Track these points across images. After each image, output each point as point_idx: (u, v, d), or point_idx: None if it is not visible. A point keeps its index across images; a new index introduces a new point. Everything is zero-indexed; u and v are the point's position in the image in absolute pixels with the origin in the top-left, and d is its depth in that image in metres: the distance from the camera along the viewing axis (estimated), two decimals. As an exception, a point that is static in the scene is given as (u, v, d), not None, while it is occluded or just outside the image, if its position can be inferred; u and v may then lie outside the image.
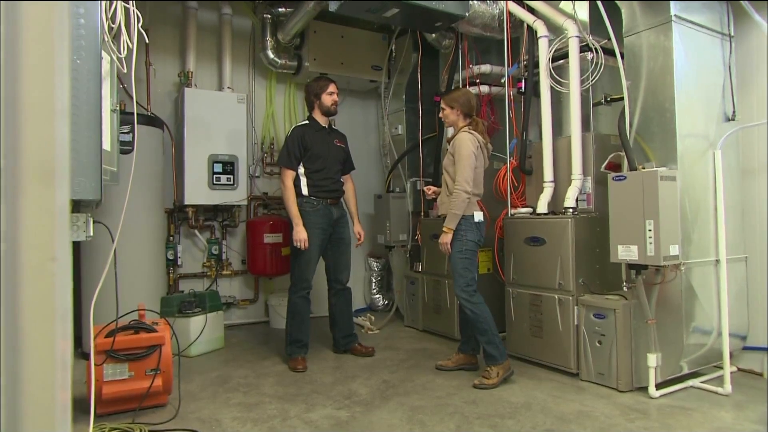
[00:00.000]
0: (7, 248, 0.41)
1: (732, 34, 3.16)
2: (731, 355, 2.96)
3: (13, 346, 0.42)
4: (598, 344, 2.96)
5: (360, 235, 3.73)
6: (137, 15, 2.33)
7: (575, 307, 3.08)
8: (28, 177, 0.44)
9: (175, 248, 4.32)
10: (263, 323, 4.74)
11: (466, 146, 3.03)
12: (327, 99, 3.54)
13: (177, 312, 3.68)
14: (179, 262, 4.37)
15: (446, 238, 3.04)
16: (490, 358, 3.02)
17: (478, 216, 3.11)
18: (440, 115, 3.30)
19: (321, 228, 3.48)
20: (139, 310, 2.76)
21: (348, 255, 3.71)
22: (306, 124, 3.60)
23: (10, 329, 0.41)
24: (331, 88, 3.56)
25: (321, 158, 3.51)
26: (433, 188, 3.40)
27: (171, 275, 4.32)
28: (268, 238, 4.38)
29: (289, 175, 3.46)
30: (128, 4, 2.29)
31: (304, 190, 3.48)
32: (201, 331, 3.67)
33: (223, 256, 4.57)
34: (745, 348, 3.18)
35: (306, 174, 3.49)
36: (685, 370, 2.93)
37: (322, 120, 3.60)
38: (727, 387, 2.80)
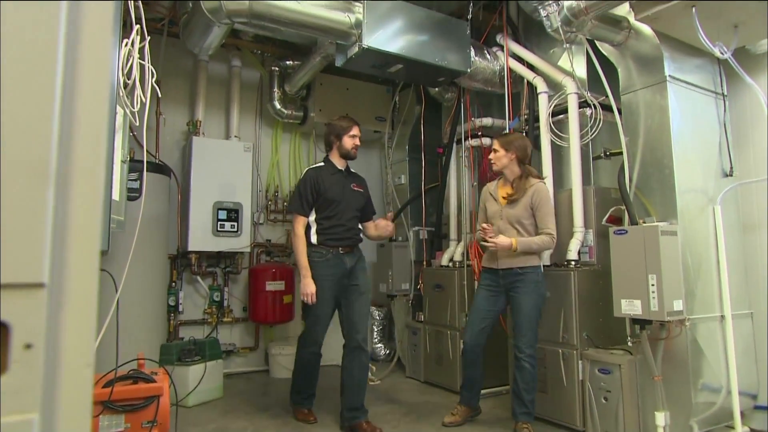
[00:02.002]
0: (48, 355, 0.43)
1: (725, 93, 3.26)
2: (742, 415, 2.88)
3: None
4: (604, 400, 2.89)
5: (390, 220, 3.52)
6: (152, 71, 2.43)
7: (579, 362, 3.04)
8: (71, 296, 0.46)
9: (176, 294, 4.32)
10: (263, 372, 4.65)
11: (550, 198, 3.11)
12: (348, 141, 3.27)
13: (176, 360, 3.63)
14: (180, 309, 4.35)
15: (506, 244, 2.91)
16: (530, 416, 2.97)
17: None
18: (491, 156, 3.13)
19: (331, 280, 3.14)
20: (138, 359, 2.73)
21: (363, 303, 3.23)
22: (321, 166, 3.32)
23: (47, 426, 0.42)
24: (354, 130, 3.29)
25: (334, 203, 3.19)
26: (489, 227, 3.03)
27: (171, 322, 4.29)
28: (270, 286, 4.37)
29: (301, 221, 3.17)
30: (144, 61, 2.39)
31: (313, 239, 3.17)
32: (200, 380, 3.61)
33: (225, 303, 4.55)
34: (756, 407, 3.10)
35: (316, 220, 3.20)
36: (696, 431, 2.85)
37: (339, 162, 3.31)
38: (739, 448, 2.72)
